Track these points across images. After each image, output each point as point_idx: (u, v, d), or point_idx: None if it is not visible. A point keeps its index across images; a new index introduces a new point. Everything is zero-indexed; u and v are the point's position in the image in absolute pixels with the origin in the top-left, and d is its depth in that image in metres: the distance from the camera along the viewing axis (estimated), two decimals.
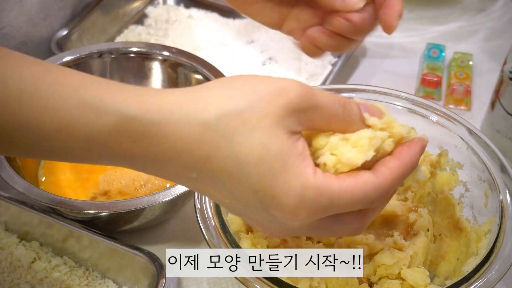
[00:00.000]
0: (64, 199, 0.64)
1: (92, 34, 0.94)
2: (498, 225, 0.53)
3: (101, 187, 0.72)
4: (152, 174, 0.42)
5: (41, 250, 0.67)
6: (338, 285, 0.50)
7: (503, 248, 0.51)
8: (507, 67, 0.75)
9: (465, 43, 0.98)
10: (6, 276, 0.64)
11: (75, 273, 0.65)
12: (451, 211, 0.58)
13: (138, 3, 1.02)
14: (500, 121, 0.77)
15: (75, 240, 0.65)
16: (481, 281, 0.49)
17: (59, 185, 0.72)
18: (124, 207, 0.63)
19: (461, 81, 0.89)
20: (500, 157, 0.57)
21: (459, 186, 0.60)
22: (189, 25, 1.00)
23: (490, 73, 0.91)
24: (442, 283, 0.55)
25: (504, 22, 1.03)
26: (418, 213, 0.56)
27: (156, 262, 0.61)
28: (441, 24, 1.02)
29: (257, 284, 0.48)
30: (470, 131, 0.60)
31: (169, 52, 0.80)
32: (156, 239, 0.70)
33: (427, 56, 0.93)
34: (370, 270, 0.52)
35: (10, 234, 0.68)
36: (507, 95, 0.75)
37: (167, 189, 0.64)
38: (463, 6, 1.05)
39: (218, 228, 0.52)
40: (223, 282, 0.66)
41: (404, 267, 0.52)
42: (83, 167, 0.74)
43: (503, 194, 0.55)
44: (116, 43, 0.90)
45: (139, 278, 0.63)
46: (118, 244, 0.63)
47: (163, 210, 0.67)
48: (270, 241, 0.53)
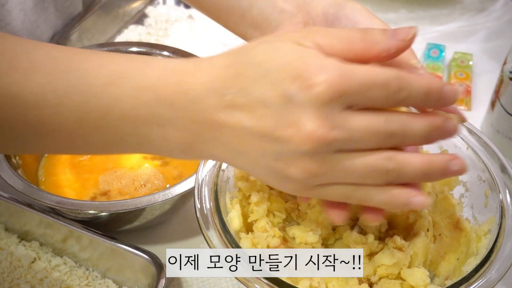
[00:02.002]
0: (64, 199, 0.64)
1: (92, 34, 0.94)
2: (498, 225, 0.53)
3: (101, 187, 0.72)
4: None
5: (41, 250, 0.67)
6: (338, 285, 0.50)
7: (503, 248, 0.51)
8: (507, 67, 0.75)
9: (465, 43, 0.98)
10: (6, 276, 0.64)
11: (75, 273, 0.65)
12: (451, 211, 0.58)
13: (138, 3, 1.02)
14: (500, 121, 0.77)
15: (75, 240, 0.65)
16: (481, 281, 0.49)
17: (59, 185, 0.72)
18: (124, 207, 0.63)
19: (461, 81, 0.89)
20: (500, 157, 0.57)
21: (459, 186, 0.60)
22: (189, 25, 1.00)
23: (490, 73, 0.91)
24: (442, 283, 0.55)
25: (504, 22, 1.03)
26: (418, 213, 0.56)
27: (156, 262, 0.61)
28: (441, 24, 1.02)
29: (257, 284, 0.48)
30: (470, 131, 0.60)
31: (169, 52, 0.80)
32: (156, 239, 0.70)
33: (427, 56, 0.93)
34: (370, 270, 0.52)
35: (10, 234, 0.68)
36: (507, 95, 0.75)
37: (167, 189, 0.64)
38: (463, 6, 1.05)
39: (218, 228, 0.52)
40: (223, 282, 0.66)
41: (404, 267, 0.52)
42: (83, 167, 0.74)
43: (503, 194, 0.55)
44: (116, 43, 0.90)
45: (139, 278, 0.63)
46: (118, 244, 0.63)
47: (163, 210, 0.67)
48: (270, 241, 0.53)
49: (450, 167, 0.42)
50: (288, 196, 0.57)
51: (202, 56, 0.44)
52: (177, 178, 0.73)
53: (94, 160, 0.75)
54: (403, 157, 0.41)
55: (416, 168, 0.42)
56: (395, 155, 0.41)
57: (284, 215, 0.57)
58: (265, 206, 0.55)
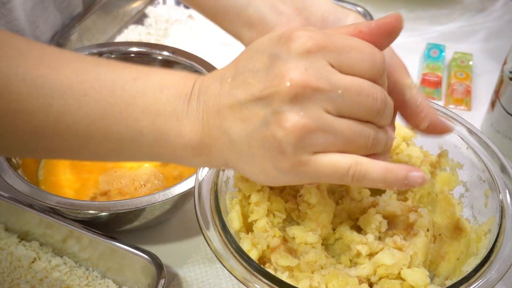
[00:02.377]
0: (64, 199, 0.64)
1: (92, 34, 0.94)
2: (498, 225, 0.53)
3: (101, 187, 0.72)
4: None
5: (41, 250, 0.67)
6: (338, 285, 0.50)
7: (503, 248, 0.51)
8: (507, 67, 0.75)
9: (465, 43, 0.98)
10: (6, 276, 0.64)
11: (75, 273, 0.65)
12: (451, 211, 0.58)
13: (138, 3, 1.02)
14: (500, 121, 0.77)
15: (75, 240, 0.65)
16: (481, 281, 0.49)
17: (59, 185, 0.72)
18: (124, 207, 0.63)
19: (461, 81, 0.89)
20: (500, 157, 0.57)
21: (459, 186, 0.60)
22: (189, 25, 1.00)
23: (490, 73, 0.91)
24: (442, 283, 0.55)
25: (504, 22, 1.03)
26: (418, 213, 0.56)
27: (156, 262, 0.61)
28: (441, 24, 1.02)
29: (257, 284, 0.48)
30: (470, 131, 0.60)
31: (169, 52, 0.80)
32: (156, 239, 0.70)
33: (427, 56, 0.93)
34: (370, 270, 0.52)
35: (10, 234, 0.68)
36: (507, 95, 0.75)
37: (167, 189, 0.64)
38: (463, 6, 1.05)
39: (218, 228, 0.52)
40: (223, 282, 0.66)
41: (404, 267, 0.52)
42: (83, 167, 0.74)
43: (503, 194, 0.55)
44: (116, 43, 0.90)
45: (139, 278, 0.63)
46: (118, 244, 0.63)
47: (163, 210, 0.67)
48: (270, 241, 0.53)
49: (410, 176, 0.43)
50: (288, 196, 0.57)
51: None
52: (177, 178, 0.73)
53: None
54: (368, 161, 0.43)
55: (378, 171, 0.43)
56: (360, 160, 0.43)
57: (284, 215, 0.57)
58: (265, 206, 0.55)
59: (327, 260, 0.53)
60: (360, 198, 0.58)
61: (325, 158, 0.42)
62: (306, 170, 0.42)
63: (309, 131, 0.41)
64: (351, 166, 0.42)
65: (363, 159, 0.42)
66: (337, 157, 0.42)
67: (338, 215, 0.58)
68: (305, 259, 0.53)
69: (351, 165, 0.42)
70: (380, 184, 0.43)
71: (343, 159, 0.42)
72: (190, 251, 0.69)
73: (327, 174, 0.42)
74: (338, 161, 0.42)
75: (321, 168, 0.42)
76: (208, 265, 0.68)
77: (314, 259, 0.53)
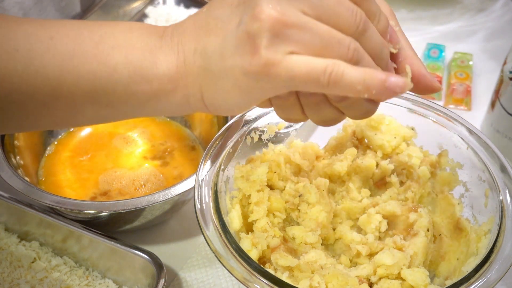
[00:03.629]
0: (64, 199, 0.64)
1: None
2: (498, 225, 0.53)
3: (101, 187, 0.72)
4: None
5: (41, 250, 0.67)
6: (338, 285, 0.50)
7: (503, 248, 0.51)
8: (507, 67, 0.75)
9: (465, 43, 0.98)
10: (6, 276, 0.64)
11: (75, 273, 0.65)
12: (451, 211, 0.58)
13: (138, 3, 1.02)
14: (500, 121, 0.77)
15: (75, 240, 0.65)
16: (481, 281, 0.49)
17: (59, 185, 0.72)
18: (124, 207, 0.63)
19: (461, 81, 0.89)
20: (500, 157, 0.57)
21: (459, 186, 0.60)
22: None
23: (490, 73, 0.91)
24: (442, 283, 0.55)
25: (504, 22, 1.03)
26: (418, 213, 0.56)
27: (156, 262, 0.61)
28: (441, 24, 1.02)
29: (257, 284, 0.48)
30: (470, 131, 0.60)
31: None
32: (156, 239, 0.70)
33: (427, 56, 0.93)
34: (370, 270, 0.52)
35: (10, 234, 0.68)
36: (507, 95, 0.75)
37: (167, 189, 0.64)
38: (463, 6, 1.05)
39: (218, 228, 0.52)
40: (223, 282, 0.66)
41: (404, 267, 0.52)
42: (83, 167, 0.74)
43: (503, 194, 0.55)
44: None
45: (139, 278, 0.63)
46: (118, 244, 0.63)
47: (163, 210, 0.67)
48: (270, 241, 0.53)
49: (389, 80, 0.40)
50: (288, 196, 0.57)
51: None
52: (177, 178, 0.73)
53: (94, 160, 0.75)
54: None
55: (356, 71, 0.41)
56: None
57: (284, 215, 0.57)
58: (265, 206, 0.55)
59: (327, 260, 0.53)
60: (360, 198, 0.58)
61: (300, 58, 0.40)
62: (279, 72, 0.40)
63: (284, 25, 0.40)
64: (328, 65, 0.40)
65: (340, 62, 0.40)
66: (313, 59, 0.40)
67: (338, 215, 0.58)
68: (305, 259, 0.53)
69: (328, 64, 0.40)
70: (358, 87, 0.40)
71: (319, 61, 0.40)
72: (190, 251, 0.69)
73: (302, 75, 0.40)
74: (314, 61, 0.40)
75: (295, 67, 0.40)
76: (208, 265, 0.68)
77: (314, 259, 0.53)
